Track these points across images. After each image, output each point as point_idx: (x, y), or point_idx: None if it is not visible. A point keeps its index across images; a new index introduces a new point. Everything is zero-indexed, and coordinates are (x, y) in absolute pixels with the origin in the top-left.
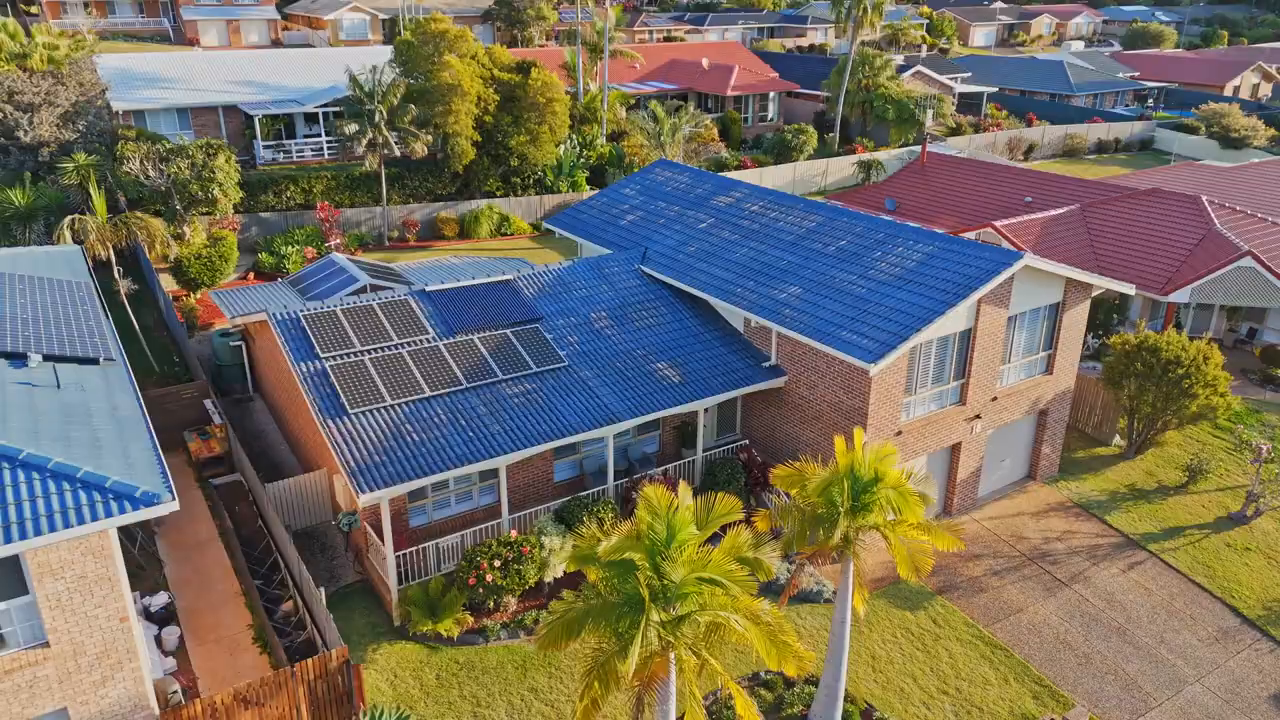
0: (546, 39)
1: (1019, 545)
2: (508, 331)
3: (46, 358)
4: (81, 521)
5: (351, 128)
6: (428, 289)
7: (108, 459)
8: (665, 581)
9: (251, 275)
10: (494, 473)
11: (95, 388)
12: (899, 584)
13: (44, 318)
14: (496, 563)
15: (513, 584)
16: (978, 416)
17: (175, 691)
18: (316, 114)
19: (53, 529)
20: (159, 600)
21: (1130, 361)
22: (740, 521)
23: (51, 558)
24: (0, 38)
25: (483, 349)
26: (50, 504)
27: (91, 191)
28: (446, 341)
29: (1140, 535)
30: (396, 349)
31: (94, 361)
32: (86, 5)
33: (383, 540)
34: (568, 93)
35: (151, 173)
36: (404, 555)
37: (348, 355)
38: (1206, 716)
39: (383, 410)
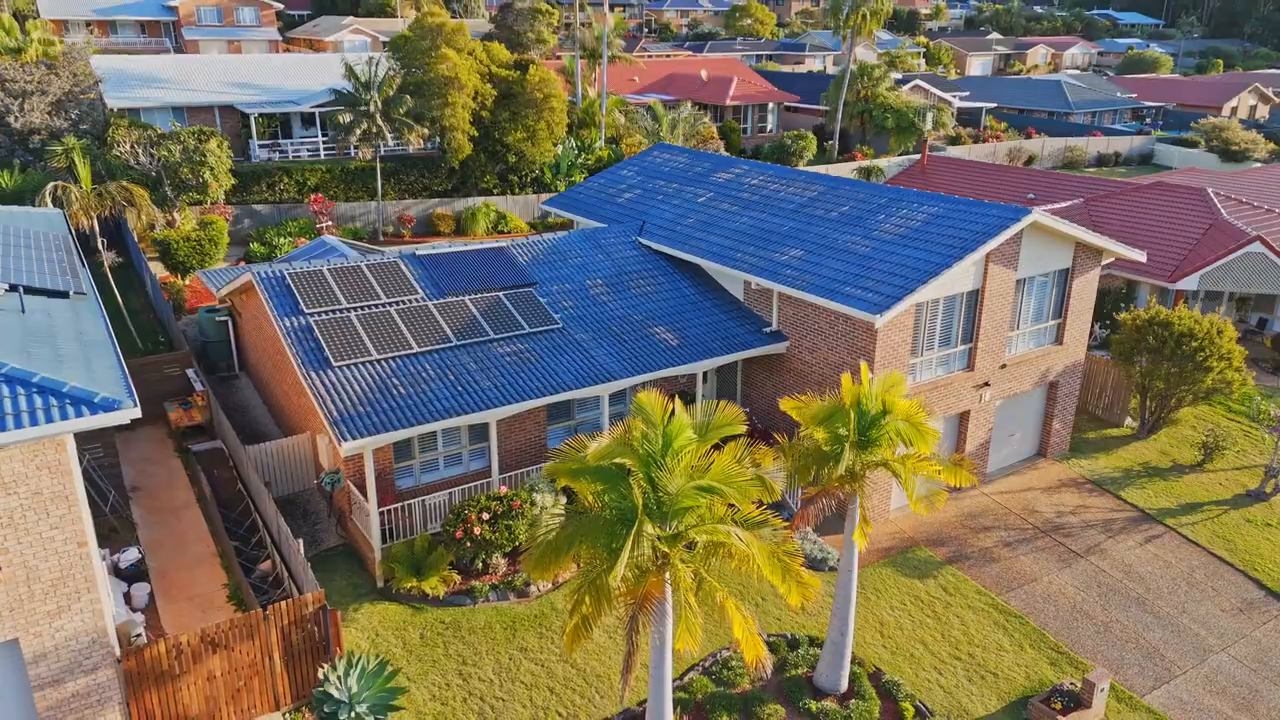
0: (546, 61)
1: (1031, 518)
2: (500, 294)
3: (11, 288)
4: (36, 424)
5: (346, 117)
6: (418, 252)
7: (69, 371)
8: (660, 494)
9: (242, 264)
10: (484, 435)
11: (63, 316)
12: (907, 553)
13: (13, 256)
14: (485, 516)
15: (502, 539)
16: (986, 384)
17: (139, 634)
18: (313, 115)
19: (3, 428)
20: (129, 556)
21: (1141, 336)
22: (740, 435)
23: (4, 470)
24: None
25: (474, 309)
26: (2, 406)
27: (76, 161)
28: (436, 302)
29: (1157, 510)
30: (384, 307)
31: (64, 295)
32: (89, 25)
33: (366, 497)
34: (569, 101)
35: (142, 157)
36: (388, 512)
37: (333, 312)
38: (1235, 684)
39: (368, 364)
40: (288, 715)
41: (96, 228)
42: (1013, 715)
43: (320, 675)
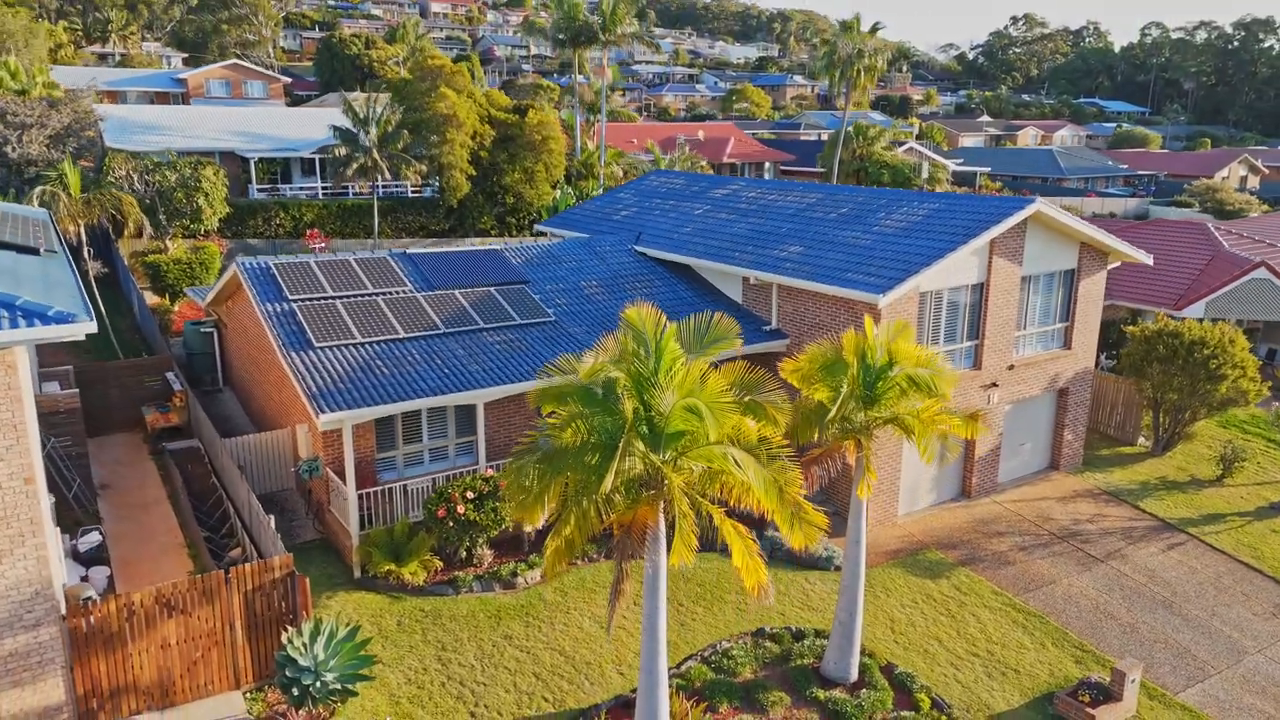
0: None
1: (1045, 525)
2: (492, 289)
3: None
4: None
5: (342, 151)
6: (408, 251)
7: (28, 291)
8: (653, 414)
9: None
10: (472, 426)
11: (31, 264)
12: (917, 555)
13: None
14: (470, 495)
15: (487, 520)
16: (994, 385)
17: (89, 597)
18: (313, 161)
19: None
20: (89, 540)
21: (1151, 347)
22: (738, 357)
23: None
24: (1, 76)
25: (464, 301)
26: None
27: (67, 169)
28: (425, 294)
29: (1177, 520)
30: (371, 296)
31: (34, 251)
32: (99, 95)
33: (344, 480)
34: (568, 155)
35: (137, 184)
36: (368, 496)
37: (318, 299)
38: (1275, 685)
39: (352, 347)
40: (249, 695)
41: (84, 236)
42: (1038, 711)
43: (284, 639)
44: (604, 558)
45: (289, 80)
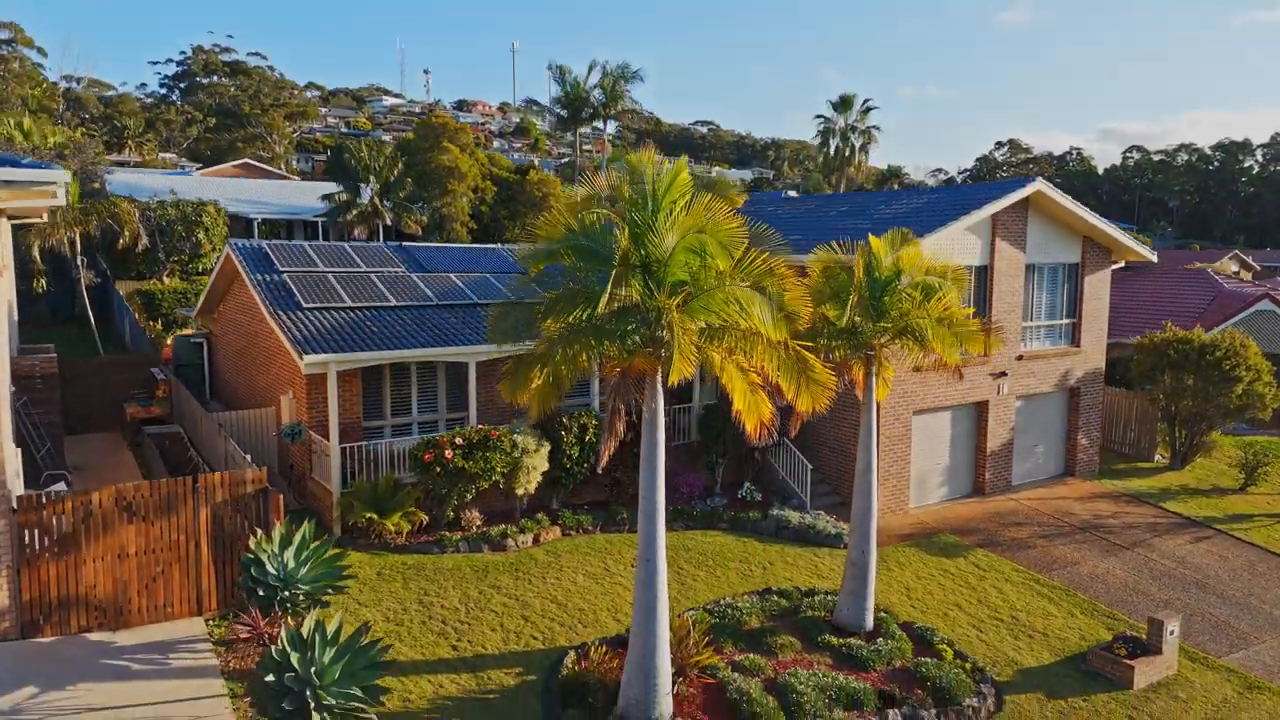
0: None
1: (1065, 519)
2: (489, 275)
3: None
4: None
5: (344, 197)
6: (404, 244)
7: None
8: (651, 261)
9: None
10: (463, 397)
11: None
12: (931, 538)
13: None
14: (459, 442)
15: (477, 469)
16: (1004, 374)
17: (50, 491)
18: (315, 224)
19: None
20: (56, 488)
21: (1161, 354)
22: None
23: None
24: (13, 134)
25: (459, 282)
26: None
27: (68, 179)
28: (419, 274)
29: (1203, 518)
30: (364, 273)
31: None
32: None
33: (328, 437)
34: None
35: (140, 233)
36: (351, 451)
37: (309, 271)
38: None
39: (342, 310)
40: (212, 623)
41: (78, 245)
42: (1071, 668)
43: (251, 543)
44: (599, 530)
45: (295, 179)
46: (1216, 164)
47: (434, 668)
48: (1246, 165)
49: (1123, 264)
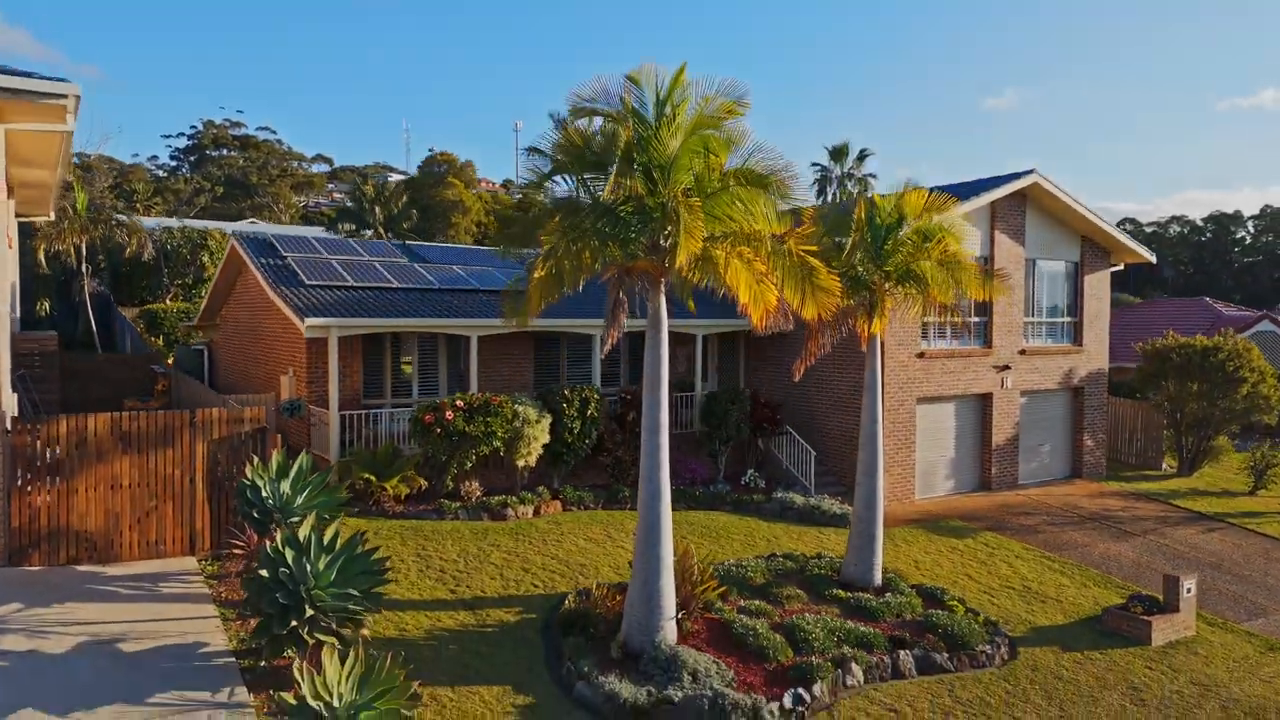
0: None
1: (1074, 511)
2: (493, 269)
3: None
4: None
5: (349, 226)
6: (407, 243)
7: None
8: (654, 164)
9: None
10: (464, 376)
11: None
12: (938, 522)
13: None
14: (461, 404)
15: (478, 431)
16: (1007, 367)
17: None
18: None
19: None
20: None
21: (1164, 359)
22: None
23: None
24: None
25: (461, 271)
26: None
27: (75, 188)
28: (422, 265)
29: (1214, 513)
30: (368, 261)
31: None
32: None
33: (327, 407)
34: None
35: (145, 253)
36: (350, 419)
37: (313, 256)
38: None
39: (344, 289)
40: (205, 563)
41: (83, 253)
42: (1086, 628)
43: (248, 470)
44: (601, 507)
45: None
46: (1209, 235)
47: (431, 606)
48: (1239, 236)
49: (1121, 266)
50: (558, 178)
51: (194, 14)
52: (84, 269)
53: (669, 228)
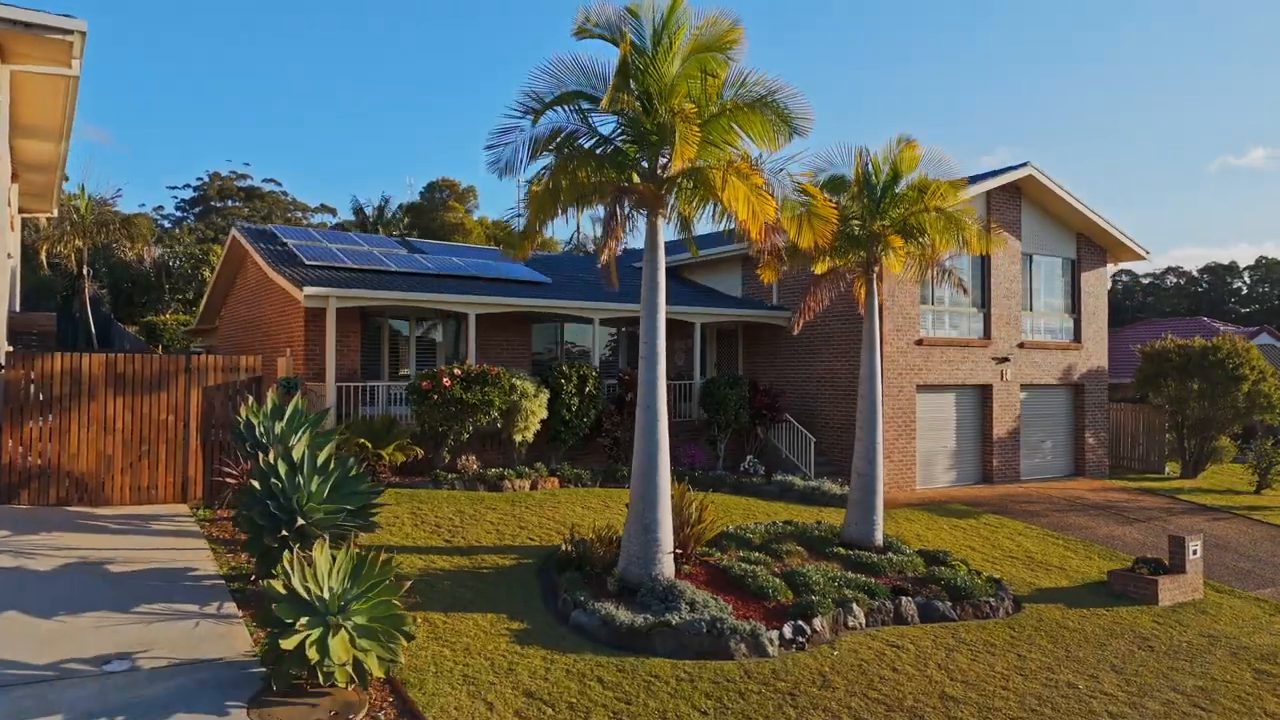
0: None
1: (1078, 501)
2: (490, 261)
3: None
4: None
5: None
6: (405, 238)
7: None
8: (652, 93)
9: None
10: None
11: None
12: (941, 505)
13: None
14: (459, 372)
15: (476, 399)
16: (1007, 359)
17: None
18: None
19: None
20: None
21: (1163, 360)
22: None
23: None
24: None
25: (459, 261)
26: None
27: (79, 194)
28: (421, 255)
29: (1220, 506)
30: (367, 250)
31: None
32: None
33: (324, 381)
34: None
35: (146, 257)
36: (346, 390)
37: (313, 243)
38: None
39: (342, 269)
40: (198, 510)
41: (85, 256)
42: (1091, 591)
43: (242, 410)
44: (598, 485)
45: None
46: (1205, 285)
47: (425, 551)
48: (1235, 287)
49: (1118, 265)
50: (558, 108)
51: (200, 65)
52: (85, 272)
53: (665, 148)
